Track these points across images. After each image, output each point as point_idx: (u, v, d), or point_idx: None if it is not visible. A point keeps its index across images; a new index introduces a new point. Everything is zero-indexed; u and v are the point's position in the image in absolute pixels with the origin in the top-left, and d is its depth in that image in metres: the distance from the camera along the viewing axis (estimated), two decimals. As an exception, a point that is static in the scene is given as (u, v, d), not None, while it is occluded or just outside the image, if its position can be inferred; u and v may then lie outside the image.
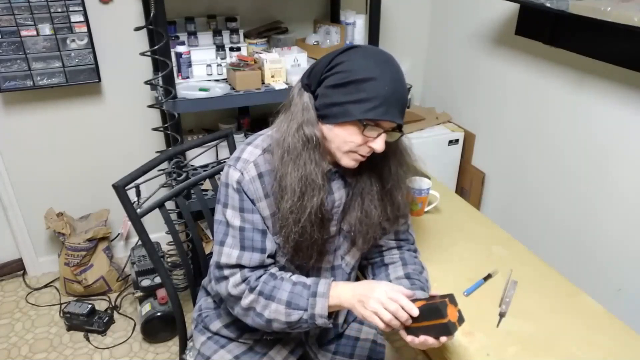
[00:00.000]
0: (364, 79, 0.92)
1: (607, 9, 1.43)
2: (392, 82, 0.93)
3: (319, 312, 0.98)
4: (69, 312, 2.05)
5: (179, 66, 1.88)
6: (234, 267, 1.03)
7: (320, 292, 0.99)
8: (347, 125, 0.96)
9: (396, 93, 0.93)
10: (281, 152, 0.99)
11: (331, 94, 0.95)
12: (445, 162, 2.47)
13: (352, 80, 0.92)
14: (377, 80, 0.92)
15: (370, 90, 0.92)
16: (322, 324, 0.99)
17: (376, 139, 0.96)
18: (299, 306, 0.99)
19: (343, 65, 0.94)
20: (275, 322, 1.02)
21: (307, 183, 0.98)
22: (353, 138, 0.96)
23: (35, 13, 1.88)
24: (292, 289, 1.01)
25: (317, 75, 0.98)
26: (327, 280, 1.01)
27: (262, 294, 1.01)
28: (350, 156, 1.00)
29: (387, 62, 0.95)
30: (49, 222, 2.18)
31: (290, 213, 0.99)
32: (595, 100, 1.77)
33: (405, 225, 1.21)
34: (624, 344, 1.07)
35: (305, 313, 0.98)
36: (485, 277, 1.26)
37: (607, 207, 1.79)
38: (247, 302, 1.02)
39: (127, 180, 1.18)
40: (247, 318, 1.06)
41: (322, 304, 0.98)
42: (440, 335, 0.92)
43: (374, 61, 0.94)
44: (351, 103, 0.93)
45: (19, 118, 2.11)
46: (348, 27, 2.18)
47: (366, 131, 0.95)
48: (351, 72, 0.93)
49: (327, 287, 0.99)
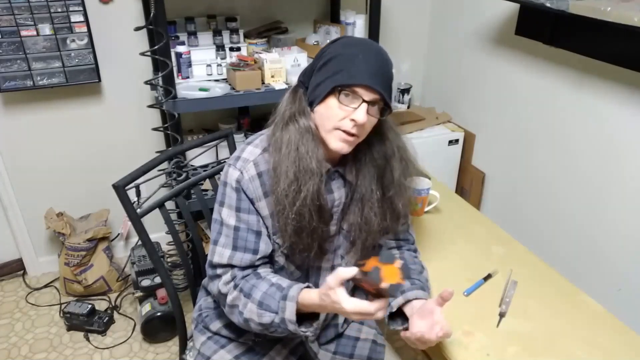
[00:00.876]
0: (340, 54, 0.96)
1: (607, 9, 1.43)
2: (367, 53, 0.95)
3: (288, 316, 0.94)
4: (69, 312, 2.05)
5: (179, 66, 1.88)
6: (225, 267, 1.04)
7: (290, 296, 0.95)
8: (326, 101, 0.97)
9: (370, 61, 0.95)
10: (274, 141, 1.01)
11: (316, 78, 0.99)
12: (445, 162, 2.47)
13: (330, 59, 0.97)
14: (352, 54, 0.95)
15: (344, 61, 0.95)
16: (294, 330, 0.94)
17: (357, 110, 0.95)
18: (270, 308, 0.97)
19: (326, 52, 0.99)
20: (252, 323, 1.00)
21: (300, 167, 0.98)
22: (333, 111, 0.96)
23: (35, 13, 1.88)
24: (267, 290, 0.99)
25: (309, 70, 1.03)
26: (301, 285, 0.97)
27: (242, 291, 1.01)
28: (335, 135, 0.98)
29: (367, 43, 0.99)
30: (49, 222, 2.18)
31: (285, 197, 0.99)
32: (596, 100, 1.77)
33: (406, 226, 1.21)
34: (624, 344, 1.07)
35: (277, 316, 0.95)
36: (485, 277, 1.26)
37: (607, 206, 1.79)
38: (231, 299, 1.02)
39: (127, 180, 1.18)
40: (233, 316, 1.05)
41: (290, 308, 0.94)
42: (387, 296, 0.90)
43: (354, 42, 0.99)
44: (328, 78, 0.96)
45: (19, 118, 2.11)
46: (348, 27, 2.18)
47: (342, 99, 0.95)
48: (331, 54, 0.97)
49: (297, 292, 0.95)
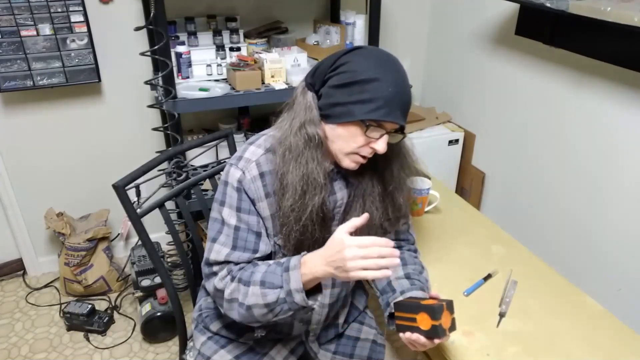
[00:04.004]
0: (368, 80, 0.92)
1: (607, 9, 1.43)
2: (396, 83, 0.93)
3: (294, 286, 0.92)
4: (69, 312, 2.05)
5: (179, 66, 1.88)
6: (221, 264, 1.03)
7: (292, 265, 0.94)
8: (349, 126, 0.95)
9: (399, 94, 0.93)
10: (283, 150, 0.99)
11: (334, 94, 0.95)
12: (445, 162, 2.47)
13: (356, 81, 0.92)
14: (380, 81, 0.92)
15: (374, 91, 0.92)
16: (301, 300, 0.93)
17: (378, 140, 0.96)
18: (273, 284, 0.95)
19: (347, 65, 0.94)
20: (256, 308, 0.97)
21: (308, 182, 0.98)
22: (355, 139, 0.96)
23: (35, 13, 1.88)
24: (267, 269, 0.98)
25: (321, 75, 0.98)
26: (298, 255, 0.96)
27: (241, 280, 0.99)
28: (351, 158, 1.00)
29: (392, 63, 0.96)
30: (49, 222, 2.18)
31: (292, 211, 0.99)
32: (595, 100, 1.77)
33: (406, 226, 1.21)
34: (624, 344, 1.07)
35: (282, 290, 0.94)
36: (485, 277, 1.26)
37: (607, 206, 1.79)
38: (229, 292, 1.00)
39: (127, 180, 1.18)
40: (232, 312, 1.02)
41: (295, 276, 0.93)
42: (427, 337, 0.92)
43: (378, 62, 0.94)
44: (354, 103, 0.93)
45: (19, 118, 2.11)
46: (348, 27, 2.18)
47: (369, 132, 0.94)
48: (355, 73, 0.93)
49: (298, 260, 0.95)
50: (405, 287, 1.11)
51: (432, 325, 0.91)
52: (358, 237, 0.89)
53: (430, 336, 0.93)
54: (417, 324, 0.94)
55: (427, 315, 0.92)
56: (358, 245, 0.87)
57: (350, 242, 0.88)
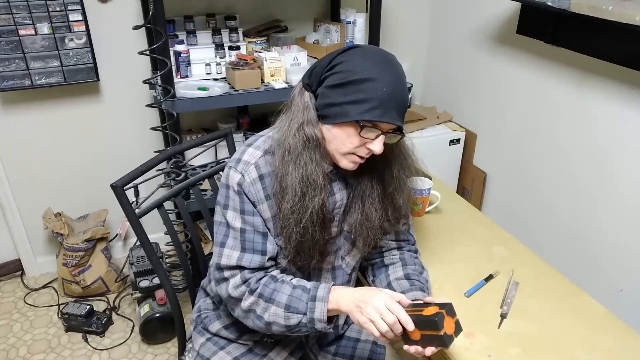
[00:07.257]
0: (363, 80, 0.91)
1: (609, 8, 1.42)
2: (391, 83, 0.92)
3: (318, 316, 0.96)
4: (67, 313, 2.04)
5: (178, 65, 1.87)
6: (234, 269, 1.03)
7: (320, 297, 0.97)
8: (344, 126, 0.95)
9: (395, 95, 0.92)
10: (282, 152, 0.98)
11: (330, 94, 0.94)
12: (446, 162, 2.47)
13: (351, 81, 0.91)
14: (375, 81, 0.91)
15: (369, 90, 0.91)
16: (322, 328, 0.97)
17: (374, 141, 0.95)
18: (298, 310, 0.98)
19: (343, 65, 0.93)
20: (275, 325, 1.01)
21: (308, 183, 0.97)
22: (351, 139, 0.95)
23: (33, 12, 1.87)
24: (291, 292, 1.00)
25: (317, 75, 0.97)
26: (327, 285, 1.00)
27: (262, 296, 1.00)
28: (348, 158, 0.99)
29: (388, 62, 0.94)
30: (47, 222, 2.17)
31: (292, 213, 0.98)
32: (597, 99, 1.76)
33: (406, 226, 1.20)
34: (625, 344, 1.07)
35: (305, 317, 0.97)
36: (487, 277, 1.25)
37: (608, 207, 1.78)
38: (247, 304, 1.02)
39: (126, 180, 1.17)
40: (247, 320, 1.05)
41: (321, 308, 0.96)
42: (436, 346, 0.92)
43: (374, 61, 0.93)
44: (349, 104, 0.92)
45: (17, 117, 2.10)
46: (348, 25, 2.17)
47: (363, 132, 0.93)
48: (350, 73, 0.92)
49: (326, 292, 0.98)
50: (405, 287, 1.10)
51: (437, 335, 0.89)
52: (397, 304, 0.92)
53: (438, 346, 0.91)
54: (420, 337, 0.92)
55: (429, 330, 0.91)
56: (388, 304, 0.91)
57: (387, 298, 0.92)
